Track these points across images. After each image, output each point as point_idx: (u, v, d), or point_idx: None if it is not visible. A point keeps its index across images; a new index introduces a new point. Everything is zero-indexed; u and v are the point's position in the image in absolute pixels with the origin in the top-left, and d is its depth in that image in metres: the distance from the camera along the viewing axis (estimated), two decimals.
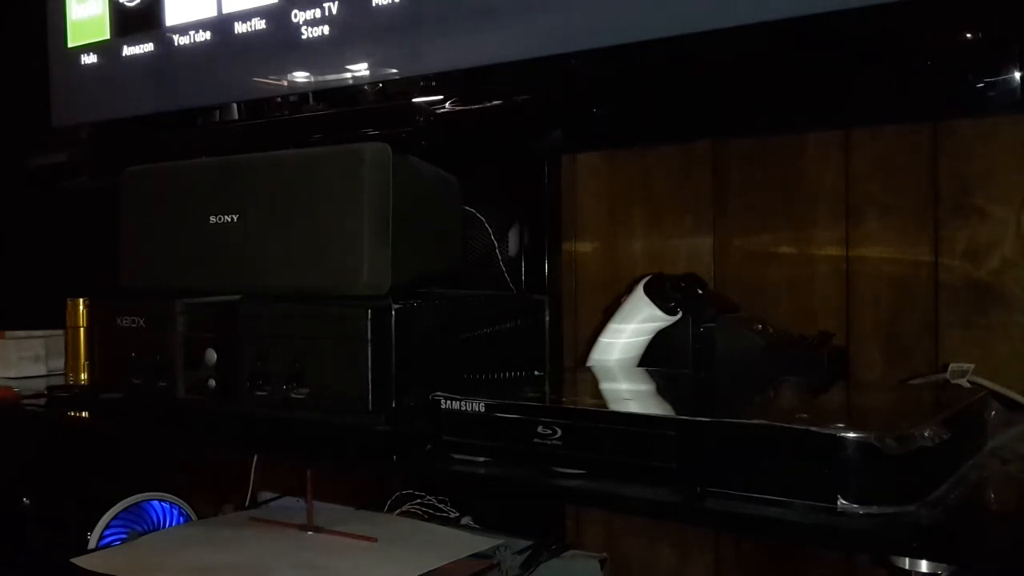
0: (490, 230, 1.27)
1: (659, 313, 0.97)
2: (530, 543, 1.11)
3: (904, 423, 0.65)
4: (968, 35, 0.87)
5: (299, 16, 1.30)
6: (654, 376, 0.96)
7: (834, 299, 1.10)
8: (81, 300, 1.29)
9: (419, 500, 1.28)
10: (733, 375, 0.96)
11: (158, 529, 1.37)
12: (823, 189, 1.11)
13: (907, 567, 0.63)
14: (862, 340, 1.08)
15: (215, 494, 1.56)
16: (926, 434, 0.63)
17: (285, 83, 1.34)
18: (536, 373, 1.09)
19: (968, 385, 0.91)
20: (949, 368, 0.94)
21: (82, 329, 1.29)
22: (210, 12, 1.40)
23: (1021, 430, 0.84)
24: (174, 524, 1.40)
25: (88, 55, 1.58)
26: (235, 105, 1.40)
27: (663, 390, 0.92)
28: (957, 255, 1.03)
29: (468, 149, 1.23)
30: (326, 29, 1.28)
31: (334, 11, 1.27)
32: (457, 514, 1.25)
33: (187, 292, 1.03)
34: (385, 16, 1.22)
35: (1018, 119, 0.98)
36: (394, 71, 1.24)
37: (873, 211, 1.08)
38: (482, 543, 1.10)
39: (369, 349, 0.88)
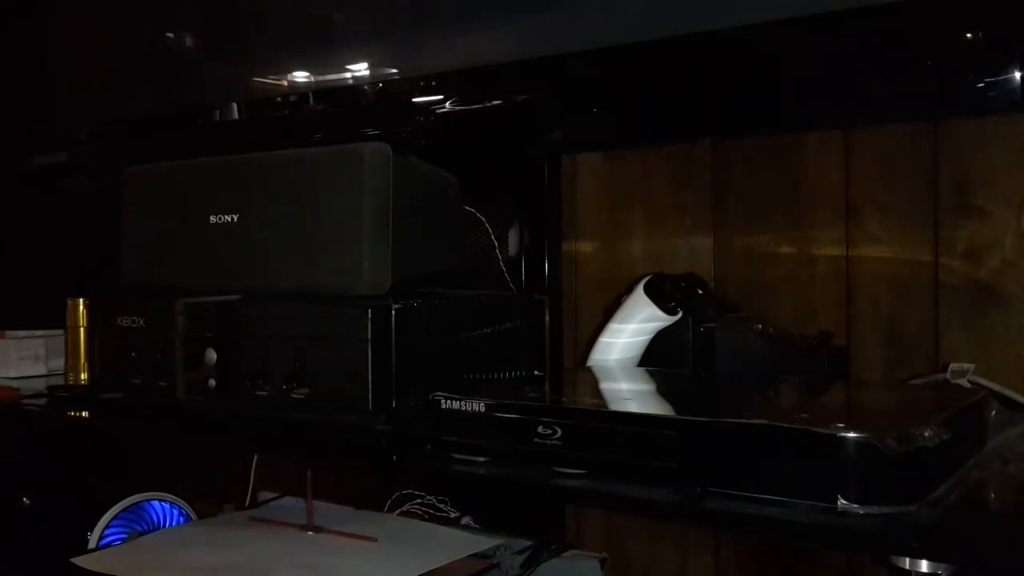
0: (490, 230, 1.26)
1: (659, 313, 0.97)
2: (530, 543, 1.11)
3: (904, 423, 0.65)
4: (968, 35, 0.87)
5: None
6: (654, 376, 0.96)
7: (834, 299, 1.10)
8: (81, 300, 1.29)
9: (419, 500, 1.28)
10: (733, 375, 0.96)
11: (158, 529, 1.37)
12: (823, 189, 1.10)
13: (907, 567, 0.62)
14: (862, 340, 1.08)
15: (215, 494, 1.56)
16: (926, 434, 0.63)
17: (285, 83, 1.34)
18: (536, 373, 1.09)
19: (968, 385, 0.91)
20: (949, 368, 0.94)
21: (82, 329, 1.29)
22: None
23: (1021, 430, 0.84)
24: (174, 524, 1.40)
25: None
26: (235, 105, 1.40)
27: (663, 390, 0.92)
28: (957, 255, 1.03)
29: (468, 149, 1.23)
30: (328, 28, 1.28)
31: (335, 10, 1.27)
32: (457, 514, 1.25)
33: (187, 292, 1.02)
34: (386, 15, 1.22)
35: (1018, 119, 0.98)
36: (394, 71, 1.24)
37: (873, 211, 1.08)
38: (482, 543, 1.10)
39: (369, 349, 0.87)
